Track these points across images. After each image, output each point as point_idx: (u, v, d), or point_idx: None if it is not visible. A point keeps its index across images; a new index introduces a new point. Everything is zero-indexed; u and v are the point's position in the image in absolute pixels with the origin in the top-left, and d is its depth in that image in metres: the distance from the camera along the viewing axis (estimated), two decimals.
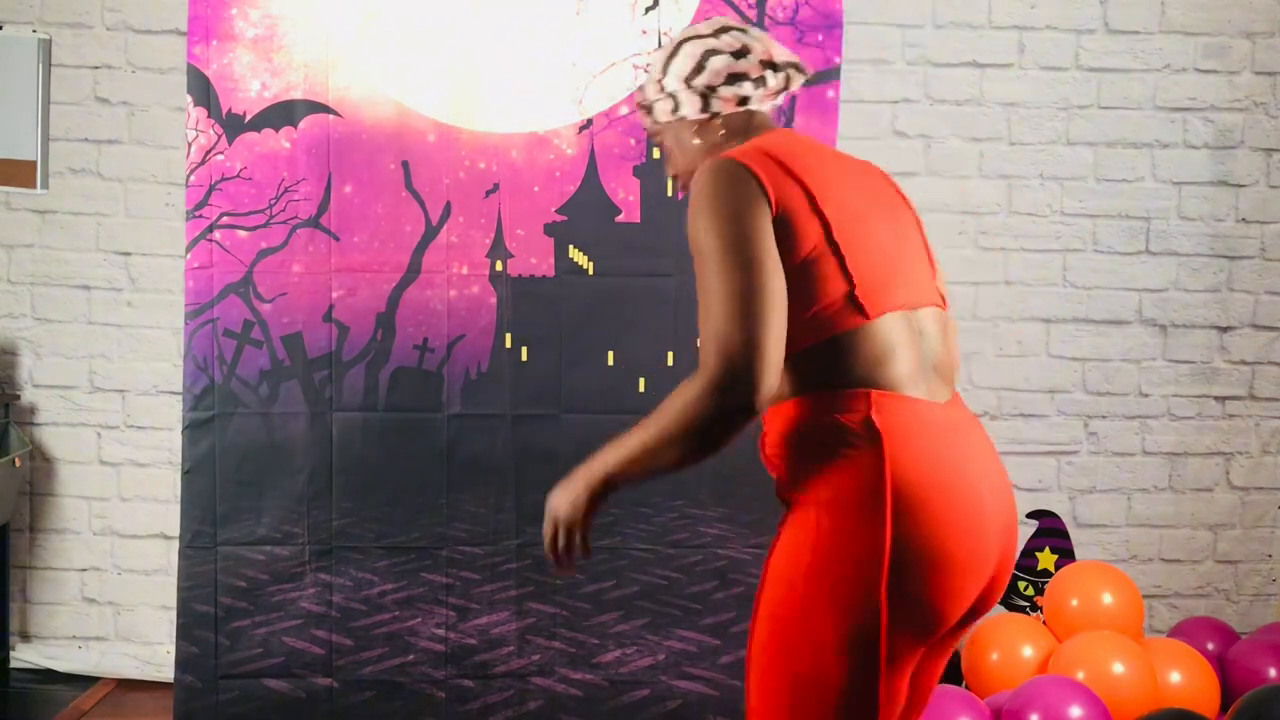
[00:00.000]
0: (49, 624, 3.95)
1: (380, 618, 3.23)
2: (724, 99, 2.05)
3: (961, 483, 1.85)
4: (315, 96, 3.18)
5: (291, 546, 3.21)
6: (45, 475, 3.92)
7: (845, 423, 1.84)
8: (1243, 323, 4.00)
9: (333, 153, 3.19)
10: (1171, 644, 3.40)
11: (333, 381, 3.20)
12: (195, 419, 3.18)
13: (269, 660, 3.21)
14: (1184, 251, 3.97)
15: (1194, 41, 3.91)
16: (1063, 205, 3.94)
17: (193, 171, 3.17)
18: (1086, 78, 3.91)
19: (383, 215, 3.20)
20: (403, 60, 3.19)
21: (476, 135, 3.21)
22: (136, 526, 3.92)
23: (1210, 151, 3.95)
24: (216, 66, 3.16)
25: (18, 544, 3.91)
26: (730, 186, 1.86)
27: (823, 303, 1.86)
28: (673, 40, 2.11)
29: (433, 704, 3.23)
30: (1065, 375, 3.98)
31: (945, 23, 3.87)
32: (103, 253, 3.87)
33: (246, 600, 3.21)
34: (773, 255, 1.82)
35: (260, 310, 3.19)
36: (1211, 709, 3.29)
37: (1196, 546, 4.04)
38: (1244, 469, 4.04)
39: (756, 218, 1.83)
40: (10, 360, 3.89)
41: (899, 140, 3.89)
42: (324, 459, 3.21)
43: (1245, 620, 4.01)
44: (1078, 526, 3.97)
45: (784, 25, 3.23)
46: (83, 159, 3.85)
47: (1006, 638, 3.39)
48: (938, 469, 1.84)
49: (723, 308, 1.79)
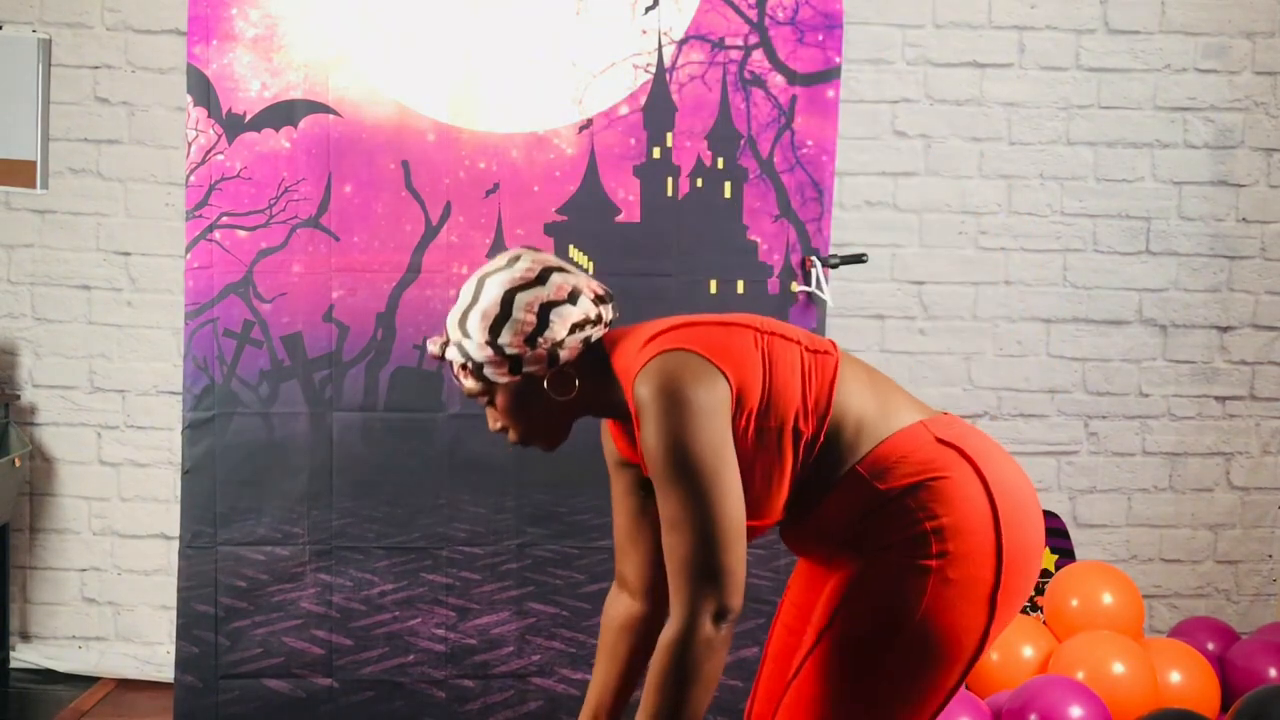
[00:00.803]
0: (49, 624, 3.95)
1: (380, 618, 3.23)
2: (570, 348, 1.89)
3: (1025, 480, 1.90)
4: (315, 96, 3.18)
5: (291, 546, 3.21)
6: (45, 475, 3.92)
7: (925, 452, 1.84)
8: (1243, 323, 4.00)
9: (333, 153, 3.19)
10: (1172, 644, 3.40)
11: (333, 381, 3.20)
12: (195, 419, 3.18)
13: (269, 660, 3.21)
14: (1184, 251, 3.97)
15: (1194, 41, 3.91)
16: (1063, 205, 3.93)
17: (193, 171, 3.17)
18: (1087, 78, 3.91)
19: (383, 215, 3.20)
20: (403, 60, 3.19)
21: (476, 135, 3.21)
22: (136, 526, 3.92)
23: (1210, 151, 3.95)
24: (216, 66, 3.16)
25: (18, 544, 3.91)
26: (691, 382, 1.76)
27: (807, 383, 1.85)
28: (481, 289, 1.89)
29: (433, 704, 3.23)
30: (1065, 375, 3.98)
31: (945, 23, 3.87)
32: (102, 253, 3.87)
33: (246, 600, 3.21)
34: (731, 460, 1.76)
35: (260, 310, 3.19)
36: (1212, 709, 3.29)
37: (1197, 546, 4.04)
38: (1244, 469, 4.03)
39: (720, 410, 1.76)
40: (10, 360, 3.89)
41: (899, 140, 3.89)
42: (324, 459, 3.21)
43: (1245, 620, 4.01)
44: (1078, 526, 3.97)
45: (784, 25, 3.23)
46: (82, 159, 3.85)
47: (1006, 638, 3.39)
48: (1013, 467, 1.89)
49: (687, 534, 1.74)
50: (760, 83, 3.23)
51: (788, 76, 3.23)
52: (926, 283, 3.92)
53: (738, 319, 1.91)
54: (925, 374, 3.94)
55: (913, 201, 3.91)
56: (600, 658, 2.12)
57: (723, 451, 1.75)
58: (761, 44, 3.22)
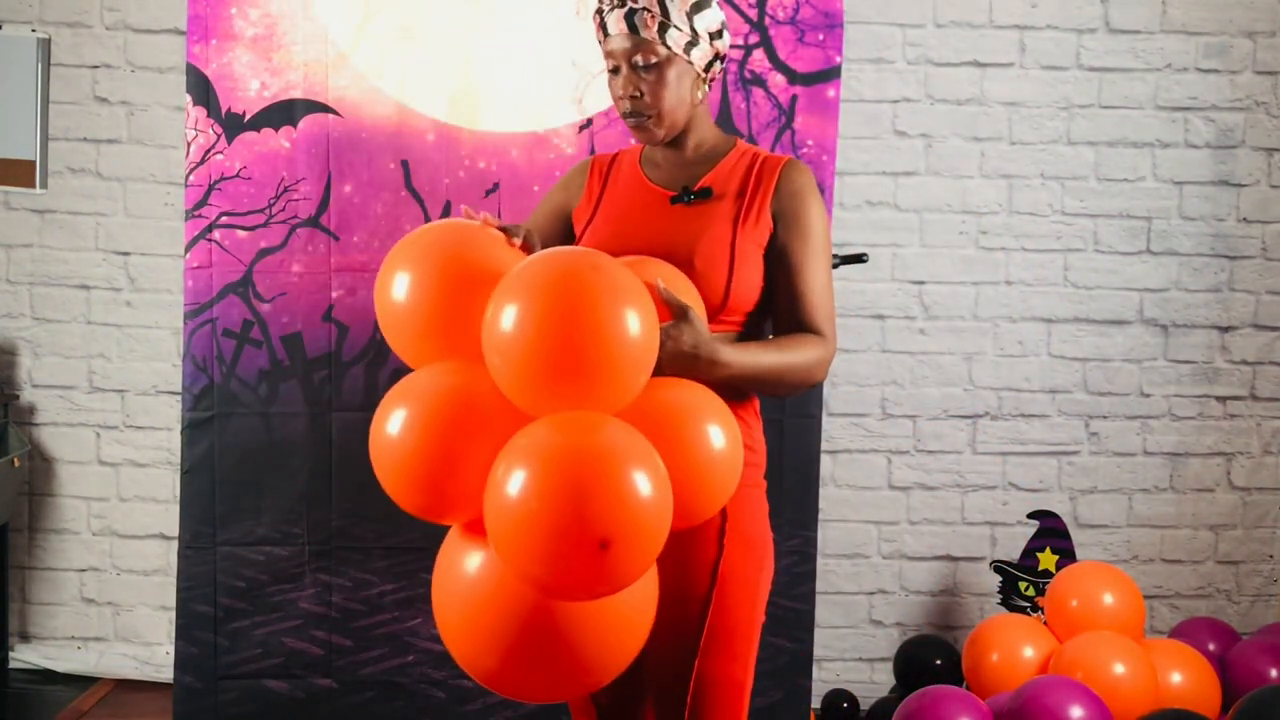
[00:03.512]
0: (48, 624, 3.95)
1: (380, 618, 3.23)
2: (715, 71, 2.18)
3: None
4: (315, 96, 3.18)
5: (291, 547, 3.21)
6: (44, 475, 3.92)
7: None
8: (1244, 323, 3.99)
9: (332, 152, 3.18)
10: (1172, 644, 3.40)
11: (332, 381, 3.19)
12: (194, 419, 3.18)
13: (268, 661, 3.21)
14: (1185, 251, 3.96)
15: (1195, 41, 3.90)
16: (1064, 205, 3.93)
17: (192, 171, 3.17)
18: (1087, 77, 3.90)
19: (382, 215, 3.19)
20: (403, 60, 3.19)
21: (476, 135, 3.21)
22: (135, 527, 3.92)
23: (1211, 151, 3.94)
24: (216, 66, 3.15)
25: (17, 544, 3.91)
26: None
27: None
28: None
29: (433, 704, 3.23)
30: (1066, 375, 3.97)
31: (946, 22, 3.87)
32: (102, 252, 3.86)
33: (246, 601, 3.20)
34: None
35: (260, 310, 3.18)
36: (1212, 710, 3.29)
37: (1197, 547, 4.04)
38: (1245, 469, 4.03)
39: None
40: (9, 360, 3.89)
41: (899, 140, 3.88)
42: (324, 459, 3.20)
43: (1246, 621, 4.01)
44: (1079, 527, 3.97)
45: (784, 24, 3.22)
46: (82, 158, 3.84)
47: (1007, 638, 3.39)
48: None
49: (828, 297, 2.12)
50: (761, 82, 3.23)
51: (788, 76, 3.23)
52: (927, 282, 3.92)
53: None
54: (925, 374, 3.94)
55: (913, 201, 3.90)
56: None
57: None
58: (762, 43, 3.22)
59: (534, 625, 1.79)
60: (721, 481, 1.88)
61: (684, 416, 1.86)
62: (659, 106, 2.10)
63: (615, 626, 1.83)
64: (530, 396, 1.78)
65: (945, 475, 3.96)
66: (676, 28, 2.07)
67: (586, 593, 1.74)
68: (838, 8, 3.24)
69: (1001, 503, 3.98)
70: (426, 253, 1.93)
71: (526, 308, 1.74)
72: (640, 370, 1.79)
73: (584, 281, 1.75)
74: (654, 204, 2.17)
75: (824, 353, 2.10)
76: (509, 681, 1.85)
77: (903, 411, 3.94)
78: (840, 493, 3.94)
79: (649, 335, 1.79)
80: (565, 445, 1.71)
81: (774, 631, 3.21)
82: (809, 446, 3.25)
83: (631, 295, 1.77)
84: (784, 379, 2.07)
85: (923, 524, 3.97)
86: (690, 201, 2.13)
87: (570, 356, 1.73)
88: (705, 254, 2.08)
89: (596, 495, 1.67)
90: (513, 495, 1.69)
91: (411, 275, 1.90)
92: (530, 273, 1.78)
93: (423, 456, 1.82)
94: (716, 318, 2.09)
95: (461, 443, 1.80)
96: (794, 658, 3.26)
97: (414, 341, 1.93)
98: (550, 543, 1.68)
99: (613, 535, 1.66)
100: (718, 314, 2.09)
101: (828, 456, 3.85)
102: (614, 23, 2.09)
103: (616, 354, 1.74)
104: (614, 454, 1.71)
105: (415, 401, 1.85)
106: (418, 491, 1.85)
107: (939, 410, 3.95)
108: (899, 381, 3.93)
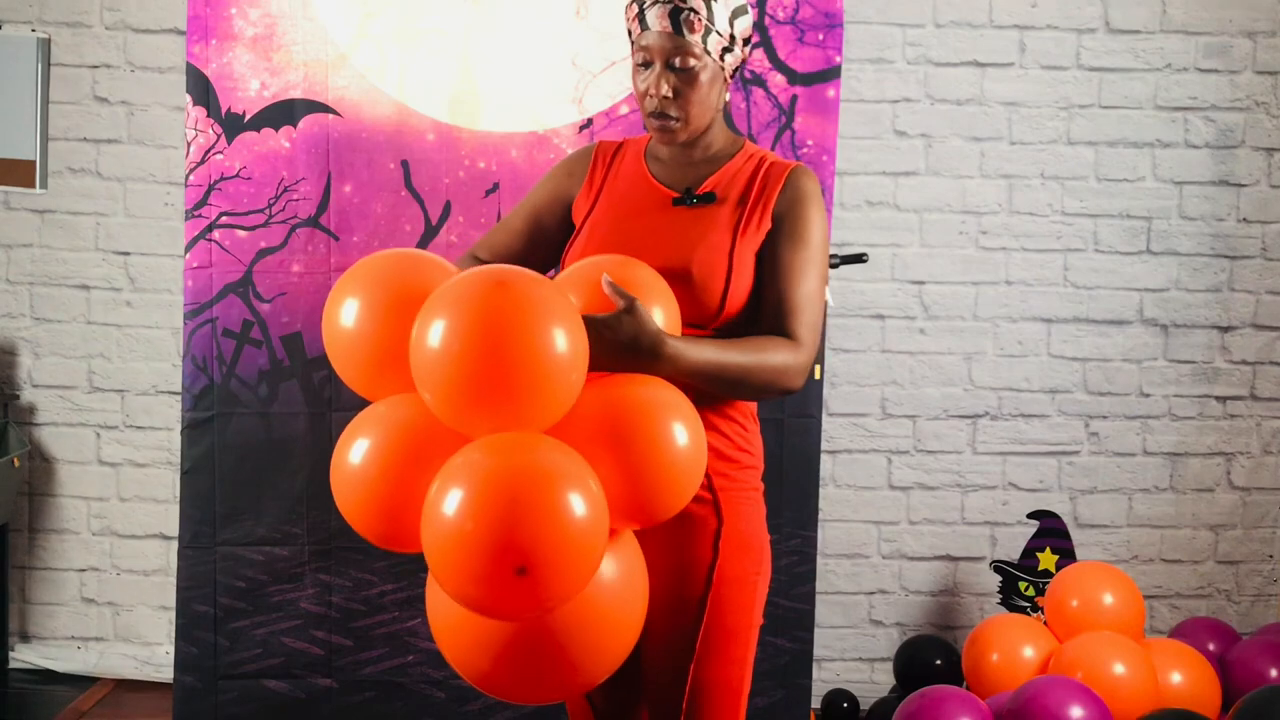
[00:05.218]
0: (48, 624, 3.95)
1: (380, 618, 3.22)
2: (735, 78, 2.17)
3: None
4: (315, 96, 3.17)
5: (291, 547, 3.21)
6: (44, 475, 3.92)
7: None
8: (1244, 323, 3.99)
9: (332, 152, 3.18)
10: (1172, 644, 3.40)
11: (332, 381, 3.19)
12: (194, 419, 3.18)
13: (268, 661, 3.21)
14: (1185, 251, 3.96)
15: (1195, 41, 3.90)
16: (1063, 205, 3.93)
17: (192, 171, 3.17)
18: (1087, 77, 3.90)
19: (382, 215, 3.19)
20: (403, 60, 3.19)
21: (476, 135, 3.21)
22: (135, 527, 3.92)
23: (1211, 151, 3.94)
24: (216, 66, 3.15)
25: (17, 544, 3.91)
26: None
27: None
28: None
29: (433, 704, 3.23)
30: (1066, 375, 3.97)
31: (946, 22, 3.87)
32: (102, 252, 3.86)
33: (246, 601, 3.20)
34: None
35: (259, 310, 3.18)
36: (1212, 710, 3.29)
37: (1197, 547, 4.04)
38: (1245, 469, 4.03)
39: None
40: (9, 360, 3.89)
41: (899, 140, 3.88)
42: (323, 459, 3.16)
43: (1246, 621, 4.01)
44: (1078, 527, 3.97)
45: (784, 24, 3.22)
46: (82, 158, 3.84)
47: (1007, 638, 3.39)
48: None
49: (818, 307, 2.07)
50: (760, 82, 3.23)
51: (788, 76, 3.23)
52: (927, 282, 3.92)
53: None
54: (925, 374, 3.94)
55: (913, 201, 3.90)
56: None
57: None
58: (762, 43, 3.22)
59: (523, 627, 1.79)
60: (683, 481, 1.85)
61: (643, 414, 1.82)
62: (688, 110, 2.07)
63: (605, 629, 1.83)
64: (456, 418, 1.77)
65: (945, 475, 3.97)
66: (718, 33, 2.03)
67: (511, 615, 1.74)
68: (838, 8, 3.23)
69: (1001, 503, 3.98)
70: (371, 281, 1.93)
71: (443, 328, 1.73)
72: (560, 378, 1.75)
73: (489, 301, 1.72)
74: (656, 203, 2.14)
75: (796, 358, 2.01)
76: (500, 683, 1.85)
77: (903, 411, 3.94)
78: (840, 493, 3.94)
79: (569, 346, 1.74)
80: (490, 467, 1.70)
81: (774, 631, 3.21)
82: (809, 446, 3.25)
83: (543, 308, 1.73)
84: (747, 380, 1.99)
85: (923, 524, 3.97)
86: (693, 204, 2.12)
87: (490, 372, 1.71)
88: (703, 262, 2.05)
89: (517, 520, 1.66)
90: (439, 515, 1.69)
91: (359, 303, 1.90)
92: (440, 294, 1.77)
93: (378, 488, 1.83)
94: (711, 325, 2.06)
95: (415, 473, 1.79)
96: (794, 658, 3.26)
97: (360, 369, 1.94)
98: (470, 565, 1.67)
99: (532, 562, 1.64)
100: (712, 322, 2.06)
101: (828, 456, 3.85)
102: (655, 18, 2.04)
103: (531, 367, 1.71)
104: (540, 476, 1.68)
105: (371, 434, 1.86)
106: (376, 522, 1.86)
107: (939, 410, 3.95)
108: (899, 381, 3.93)
